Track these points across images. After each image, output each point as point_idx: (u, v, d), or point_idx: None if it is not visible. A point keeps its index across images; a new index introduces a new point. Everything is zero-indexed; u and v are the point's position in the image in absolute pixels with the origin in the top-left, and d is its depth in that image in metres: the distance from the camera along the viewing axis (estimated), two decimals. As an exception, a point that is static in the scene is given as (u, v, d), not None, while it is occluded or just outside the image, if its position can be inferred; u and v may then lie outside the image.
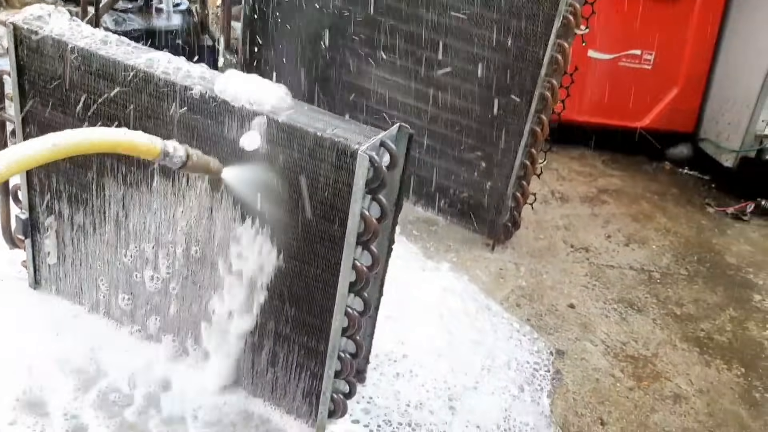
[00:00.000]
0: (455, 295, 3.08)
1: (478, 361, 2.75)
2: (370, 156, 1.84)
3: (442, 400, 2.55)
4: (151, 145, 1.56)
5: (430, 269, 3.24)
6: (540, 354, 2.88)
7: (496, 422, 2.51)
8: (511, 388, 2.66)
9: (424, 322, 2.87)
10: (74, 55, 2.14)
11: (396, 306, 2.65)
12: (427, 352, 2.73)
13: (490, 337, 2.90)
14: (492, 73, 3.26)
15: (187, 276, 2.29)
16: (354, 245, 1.95)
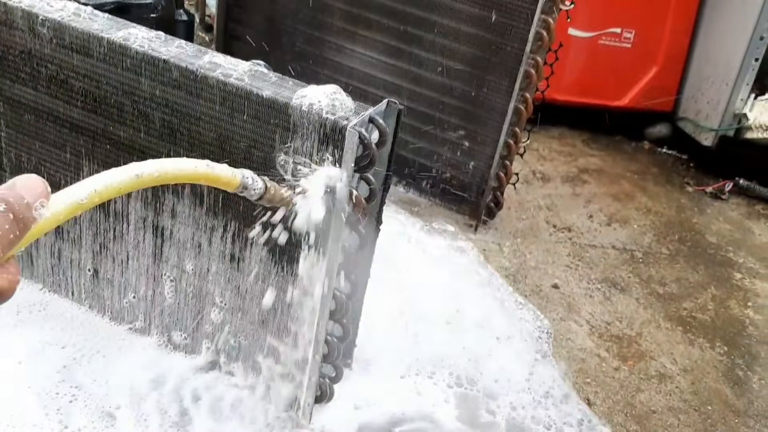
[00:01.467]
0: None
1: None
2: (360, 133, 1.77)
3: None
4: (232, 177, 1.51)
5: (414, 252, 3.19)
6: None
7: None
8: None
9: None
10: (45, 27, 2.03)
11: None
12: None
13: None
14: (475, 50, 3.19)
15: (176, 263, 2.21)
16: (342, 225, 1.88)
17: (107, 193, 1.15)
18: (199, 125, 1.97)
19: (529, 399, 2.53)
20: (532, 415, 2.46)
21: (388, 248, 2.28)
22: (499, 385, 2.55)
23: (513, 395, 2.53)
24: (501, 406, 2.47)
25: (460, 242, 3.29)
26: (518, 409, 2.48)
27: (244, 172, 1.63)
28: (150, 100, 2.00)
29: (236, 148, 1.95)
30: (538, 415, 2.47)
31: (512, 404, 2.49)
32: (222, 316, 2.21)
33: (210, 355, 2.30)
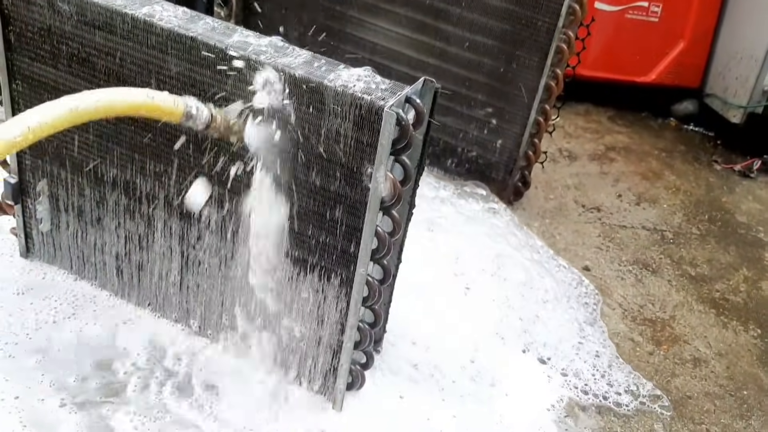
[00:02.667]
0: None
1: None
2: (397, 114, 1.69)
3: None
4: (174, 106, 1.39)
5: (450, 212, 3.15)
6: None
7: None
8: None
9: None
10: (66, 3, 1.95)
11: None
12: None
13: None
14: (504, 24, 3.09)
15: (203, 245, 2.14)
16: (377, 210, 1.81)
17: (41, 130, 1.07)
18: (226, 105, 1.89)
19: (581, 365, 2.55)
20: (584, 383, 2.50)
21: (423, 210, 2.24)
22: (550, 350, 2.58)
23: (564, 362, 2.55)
24: (552, 376, 2.48)
25: (492, 204, 3.25)
26: (570, 375, 2.50)
27: (188, 100, 1.56)
28: (176, 80, 1.92)
29: (265, 129, 1.87)
30: (589, 382, 2.50)
31: (563, 370, 2.52)
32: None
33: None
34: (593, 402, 2.45)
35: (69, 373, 2.12)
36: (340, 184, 1.85)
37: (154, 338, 2.27)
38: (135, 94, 1.28)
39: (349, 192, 1.85)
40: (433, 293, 2.66)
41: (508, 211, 3.28)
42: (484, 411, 2.29)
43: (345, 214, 1.89)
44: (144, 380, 2.14)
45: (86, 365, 2.15)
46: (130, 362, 2.19)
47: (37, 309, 2.30)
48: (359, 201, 1.84)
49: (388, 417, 2.18)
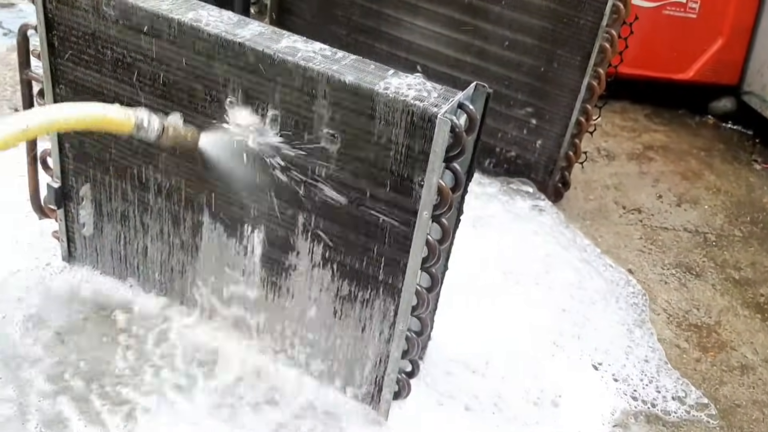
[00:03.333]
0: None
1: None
2: (452, 121, 1.64)
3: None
4: (125, 118, 1.47)
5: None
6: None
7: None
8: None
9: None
10: (111, 7, 1.93)
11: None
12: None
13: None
14: (545, 23, 3.03)
15: (253, 253, 2.12)
16: (428, 219, 1.77)
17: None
18: (276, 112, 1.86)
19: (631, 370, 2.52)
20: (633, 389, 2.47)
21: (471, 207, 2.21)
22: (601, 354, 2.54)
23: (616, 366, 2.51)
24: (607, 383, 2.45)
25: (539, 201, 3.23)
26: (620, 381, 2.47)
27: (139, 113, 1.58)
28: (223, 85, 1.89)
29: (314, 137, 1.84)
30: (638, 388, 2.47)
31: (614, 376, 2.49)
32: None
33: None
34: (642, 409, 2.40)
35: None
36: (389, 191, 1.82)
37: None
38: (85, 109, 1.29)
39: (398, 199, 1.81)
40: (481, 294, 2.63)
41: (554, 208, 3.26)
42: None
43: (394, 222, 1.85)
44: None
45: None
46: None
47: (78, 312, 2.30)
48: (409, 209, 1.81)
49: (432, 426, 2.15)
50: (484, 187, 3.25)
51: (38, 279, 2.40)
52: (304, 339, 2.16)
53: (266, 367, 2.19)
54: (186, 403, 2.09)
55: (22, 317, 2.26)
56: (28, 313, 2.28)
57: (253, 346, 2.25)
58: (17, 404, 2.00)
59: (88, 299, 2.37)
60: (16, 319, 2.26)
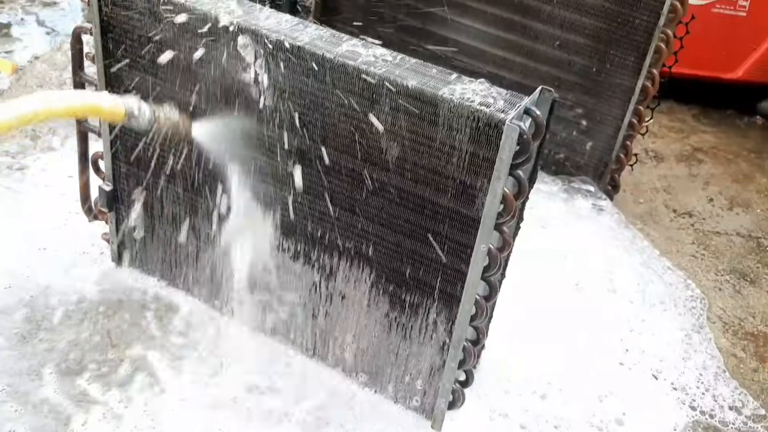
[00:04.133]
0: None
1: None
2: (520, 127, 1.59)
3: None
4: (115, 106, 1.51)
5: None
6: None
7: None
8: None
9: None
10: (168, 9, 1.91)
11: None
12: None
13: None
14: (599, 22, 2.95)
15: (308, 259, 2.09)
16: (491, 228, 1.72)
17: None
18: (333, 117, 1.83)
19: (689, 378, 2.47)
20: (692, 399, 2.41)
21: (534, 205, 2.17)
22: (660, 362, 2.49)
23: (674, 374, 2.46)
24: (667, 392, 2.40)
25: (600, 201, 3.18)
26: (679, 391, 2.42)
27: (130, 101, 1.59)
28: (280, 90, 1.86)
29: (373, 142, 1.80)
30: (696, 397, 2.41)
31: (673, 384, 2.43)
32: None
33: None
34: (700, 419, 2.33)
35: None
36: (451, 198, 1.77)
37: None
38: (77, 97, 1.41)
39: (460, 207, 1.77)
40: (542, 301, 2.59)
41: (615, 208, 3.20)
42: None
43: (454, 230, 1.81)
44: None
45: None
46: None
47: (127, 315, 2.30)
48: (471, 217, 1.76)
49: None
50: (548, 185, 3.22)
51: (89, 279, 2.40)
52: (358, 346, 2.13)
53: (318, 373, 2.16)
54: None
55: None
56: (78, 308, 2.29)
57: (304, 353, 2.22)
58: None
59: (135, 301, 2.36)
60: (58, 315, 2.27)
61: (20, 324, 2.22)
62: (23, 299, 2.29)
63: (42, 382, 2.06)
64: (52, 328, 2.22)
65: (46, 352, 2.15)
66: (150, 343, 2.22)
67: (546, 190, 3.18)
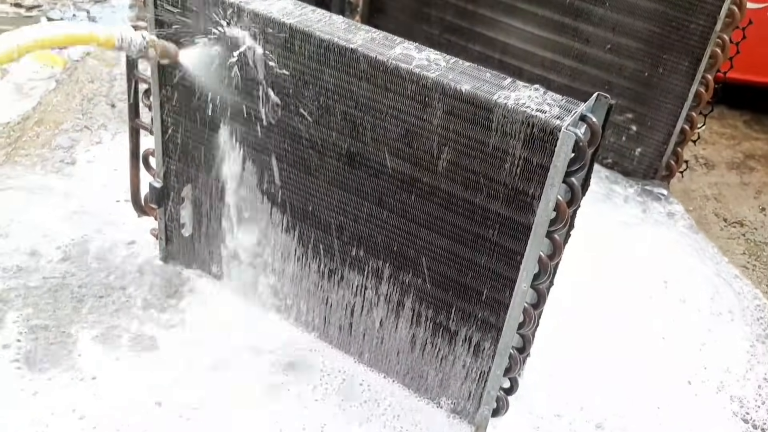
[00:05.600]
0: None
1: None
2: (576, 134, 1.57)
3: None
4: (109, 36, 1.68)
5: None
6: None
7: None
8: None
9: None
10: (222, 9, 1.92)
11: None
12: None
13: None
14: (652, 26, 2.90)
15: (355, 262, 2.09)
16: (543, 236, 1.70)
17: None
18: (385, 120, 1.82)
19: (749, 390, 2.41)
20: (746, 411, 2.36)
21: (614, 207, 2.14)
22: (722, 372, 2.44)
23: (735, 387, 2.41)
24: (725, 406, 2.35)
25: (674, 207, 3.16)
26: (735, 402, 2.37)
27: (121, 29, 1.72)
28: (332, 91, 1.86)
29: (425, 146, 1.79)
30: (750, 411, 2.36)
31: (732, 397, 2.38)
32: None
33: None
34: (749, 432, 2.29)
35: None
36: (502, 204, 1.75)
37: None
38: (73, 28, 1.57)
39: (511, 213, 1.75)
40: (610, 305, 2.57)
41: (687, 215, 3.16)
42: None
43: (504, 237, 1.78)
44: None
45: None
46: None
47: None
48: (522, 223, 1.74)
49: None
50: (625, 189, 3.17)
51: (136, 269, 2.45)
52: (403, 349, 2.12)
53: (365, 375, 2.16)
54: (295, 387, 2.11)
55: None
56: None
57: (350, 355, 2.22)
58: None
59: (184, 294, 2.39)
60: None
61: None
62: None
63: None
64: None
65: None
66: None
67: (622, 193, 3.13)
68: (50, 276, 2.36)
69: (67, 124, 3.16)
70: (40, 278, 2.35)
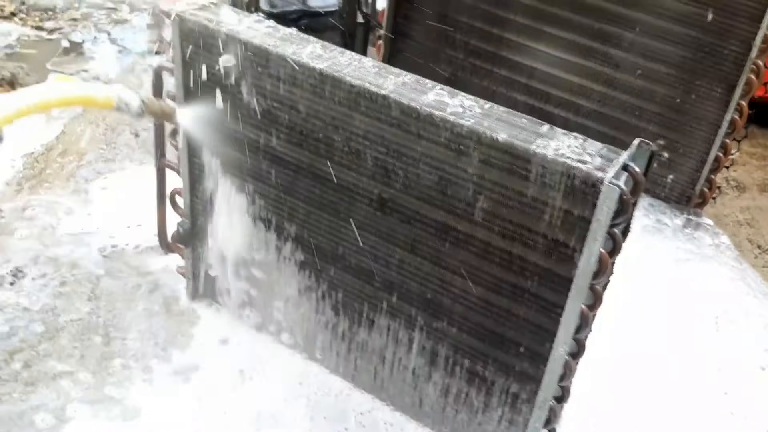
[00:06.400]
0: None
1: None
2: (620, 188, 1.51)
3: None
4: (107, 97, 1.68)
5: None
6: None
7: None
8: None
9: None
10: (248, 52, 1.88)
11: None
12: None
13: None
14: (684, 51, 2.83)
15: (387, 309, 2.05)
16: (585, 288, 1.64)
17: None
18: (418, 167, 1.77)
19: None
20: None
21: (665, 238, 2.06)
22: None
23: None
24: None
25: (721, 239, 3.07)
26: None
27: (119, 91, 1.73)
28: (363, 137, 1.81)
29: (459, 194, 1.74)
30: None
31: None
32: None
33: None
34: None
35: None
36: (541, 255, 1.69)
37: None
38: (72, 90, 1.58)
39: (551, 265, 1.69)
40: (663, 342, 2.50)
41: (732, 246, 3.08)
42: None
43: (543, 288, 1.73)
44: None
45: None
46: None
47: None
48: (562, 275, 1.68)
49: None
50: (671, 219, 3.11)
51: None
52: (438, 401, 2.07)
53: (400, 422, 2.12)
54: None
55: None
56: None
57: (381, 401, 2.18)
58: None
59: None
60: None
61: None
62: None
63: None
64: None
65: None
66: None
67: (671, 224, 3.06)
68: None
69: (91, 155, 3.14)
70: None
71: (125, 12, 5.10)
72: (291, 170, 1.99)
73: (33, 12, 4.99)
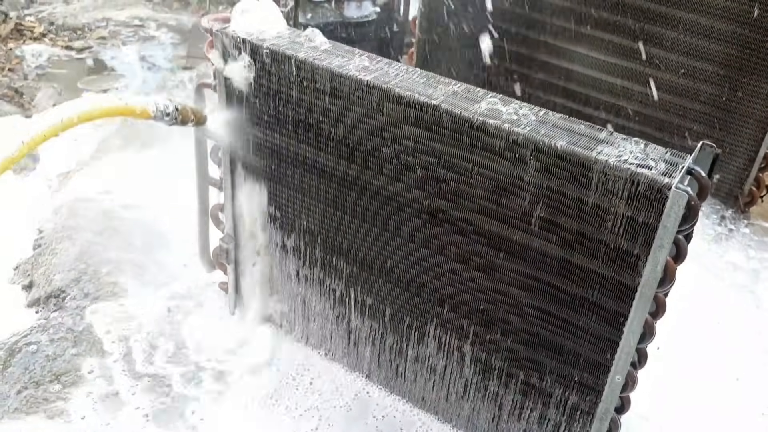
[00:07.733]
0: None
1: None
2: (688, 193, 1.45)
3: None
4: (145, 108, 1.79)
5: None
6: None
7: None
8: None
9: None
10: (293, 67, 1.85)
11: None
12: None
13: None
14: (730, 49, 2.76)
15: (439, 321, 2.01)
16: (650, 298, 1.58)
17: (34, 143, 1.48)
18: (470, 177, 1.72)
19: None
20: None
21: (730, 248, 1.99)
22: None
23: None
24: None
25: None
26: None
27: (155, 100, 1.82)
28: (413, 149, 1.77)
29: (515, 204, 1.69)
30: None
31: None
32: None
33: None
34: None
35: None
36: (603, 264, 1.64)
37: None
38: (110, 103, 1.70)
39: (613, 273, 1.63)
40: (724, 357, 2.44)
41: None
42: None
43: (605, 297, 1.67)
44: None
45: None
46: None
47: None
48: (625, 284, 1.62)
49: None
50: (736, 224, 3.06)
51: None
52: (493, 414, 2.02)
53: None
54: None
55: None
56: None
57: (432, 414, 2.13)
58: None
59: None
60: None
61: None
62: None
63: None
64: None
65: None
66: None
67: (735, 229, 3.00)
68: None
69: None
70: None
71: (152, 29, 5.13)
72: (337, 184, 1.95)
73: (62, 32, 5.03)
